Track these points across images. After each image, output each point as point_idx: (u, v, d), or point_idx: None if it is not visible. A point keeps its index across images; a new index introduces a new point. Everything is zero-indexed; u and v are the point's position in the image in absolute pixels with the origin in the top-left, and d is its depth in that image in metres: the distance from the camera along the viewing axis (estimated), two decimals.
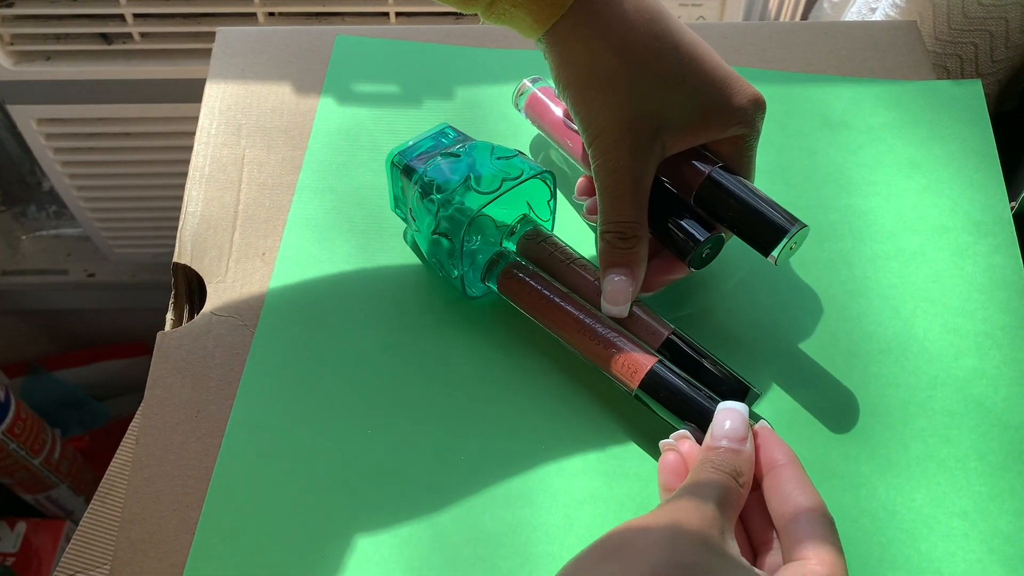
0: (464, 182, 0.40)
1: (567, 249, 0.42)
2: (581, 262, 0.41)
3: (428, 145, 0.43)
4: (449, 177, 0.40)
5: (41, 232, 1.12)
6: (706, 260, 0.40)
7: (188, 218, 0.46)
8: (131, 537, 0.37)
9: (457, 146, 0.42)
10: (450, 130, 0.44)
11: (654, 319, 0.39)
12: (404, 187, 0.42)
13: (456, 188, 0.40)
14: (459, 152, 0.41)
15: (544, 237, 0.42)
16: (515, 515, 0.37)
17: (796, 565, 0.29)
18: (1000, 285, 0.43)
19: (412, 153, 0.42)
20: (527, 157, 0.42)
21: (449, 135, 0.44)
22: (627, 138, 0.36)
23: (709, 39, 0.53)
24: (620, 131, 0.36)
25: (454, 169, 0.41)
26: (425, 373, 0.41)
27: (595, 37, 0.36)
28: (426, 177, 0.41)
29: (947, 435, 0.39)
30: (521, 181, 0.40)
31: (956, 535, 0.36)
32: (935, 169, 0.47)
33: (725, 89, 0.37)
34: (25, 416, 1.03)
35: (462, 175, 0.40)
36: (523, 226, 0.42)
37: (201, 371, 0.41)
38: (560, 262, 0.41)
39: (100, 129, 0.87)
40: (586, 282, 0.40)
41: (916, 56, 0.52)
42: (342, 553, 0.36)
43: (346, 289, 0.43)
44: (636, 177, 0.37)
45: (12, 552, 1.05)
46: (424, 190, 0.41)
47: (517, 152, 0.42)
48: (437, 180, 0.40)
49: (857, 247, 0.44)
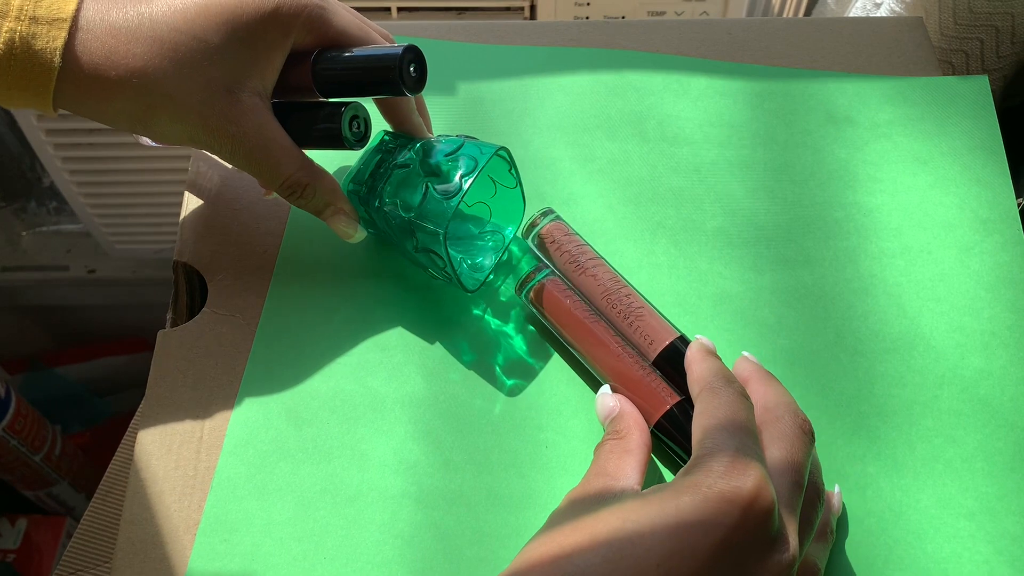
0: (425, 193, 0.39)
1: (587, 249, 0.41)
2: (595, 261, 0.41)
3: (375, 160, 0.41)
4: (407, 193, 0.39)
5: (41, 228, 1.12)
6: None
7: (188, 215, 0.45)
8: (132, 537, 0.37)
9: (402, 154, 0.41)
10: (387, 137, 0.43)
11: (656, 330, 0.39)
12: (368, 211, 0.41)
13: (420, 203, 0.39)
14: (407, 162, 0.40)
15: (558, 236, 0.41)
16: (519, 517, 0.37)
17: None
18: (1007, 283, 0.42)
19: (363, 176, 0.41)
20: (474, 139, 0.40)
21: (388, 142, 0.42)
22: (214, 123, 0.36)
23: (713, 35, 0.53)
24: (205, 125, 0.36)
25: (409, 183, 0.39)
26: (427, 371, 0.41)
27: (101, 80, 0.35)
28: (388, 200, 0.40)
29: (953, 435, 0.38)
30: (478, 172, 0.38)
31: (963, 536, 0.36)
32: (941, 165, 0.46)
33: (241, 14, 0.36)
34: (26, 412, 1.03)
35: (420, 185, 0.39)
36: (544, 217, 0.42)
37: (202, 369, 0.41)
38: (571, 259, 0.41)
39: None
40: (594, 283, 0.40)
41: (921, 52, 0.52)
42: (344, 554, 0.36)
43: (348, 286, 0.43)
44: (258, 139, 0.37)
45: (13, 549, 1.05)
46: (389, 216, 0.40)
47: (464, 138, 0.40)
48: (398, 200, 0.39)
49: (863, 244, 0.44)
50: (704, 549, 0.28)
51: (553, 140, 0.48)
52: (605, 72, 0.50)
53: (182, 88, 0.35)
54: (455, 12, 0.76)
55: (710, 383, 0.34)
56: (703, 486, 0.29)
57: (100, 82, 0.35)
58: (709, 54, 0.51)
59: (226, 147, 0.37)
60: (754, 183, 0.46)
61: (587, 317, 0.39)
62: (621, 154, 0.47)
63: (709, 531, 0.28)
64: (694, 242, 0.44)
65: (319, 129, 0.39)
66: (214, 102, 0.36)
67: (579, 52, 0.51)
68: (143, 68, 0.35)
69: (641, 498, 0.30)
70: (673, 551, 0.28)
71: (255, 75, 0.37)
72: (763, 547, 0.29)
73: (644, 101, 0.49)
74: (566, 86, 0.50)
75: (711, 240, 0.44)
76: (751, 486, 0.29)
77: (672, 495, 0.29)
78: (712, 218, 0.45)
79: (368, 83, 0.38)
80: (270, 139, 0.37)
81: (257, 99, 0.37)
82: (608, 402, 0.37)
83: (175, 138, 0.37)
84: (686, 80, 0.50)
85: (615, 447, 0.35)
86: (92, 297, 1.15)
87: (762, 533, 0.29)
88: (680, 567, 0.28)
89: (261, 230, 0.45)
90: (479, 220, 0.44)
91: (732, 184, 0.46)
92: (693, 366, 0.36)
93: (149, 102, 0.35)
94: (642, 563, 0.28)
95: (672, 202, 0.46)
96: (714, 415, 0.32)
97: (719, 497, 0.28)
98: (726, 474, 0.29)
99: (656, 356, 0.38)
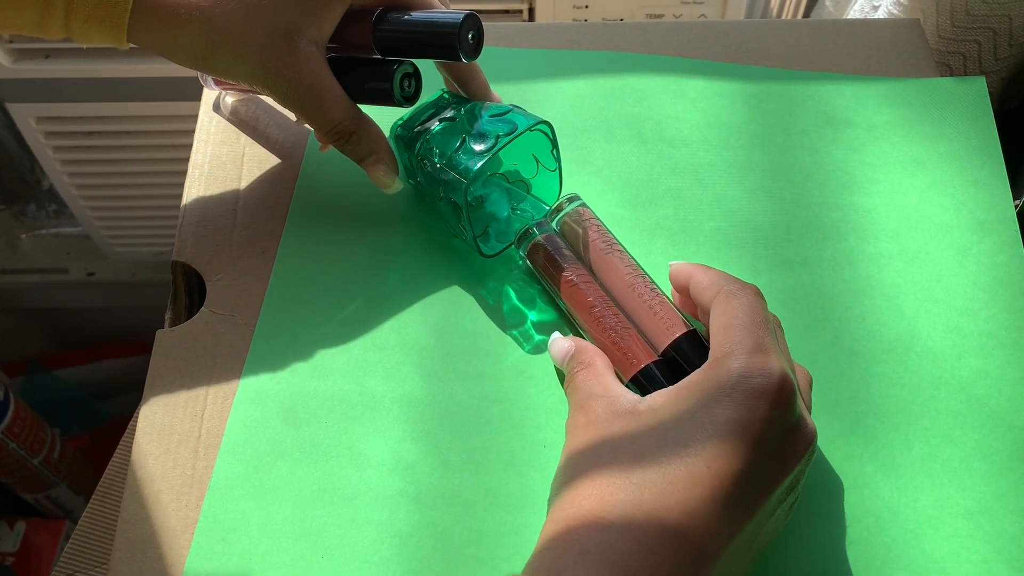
0: (460, 144, 0.40)
1: (608, 235, 0.41)
2: (618, 248, 0.41)
3: (428, 113, 0.43)
4: (446, 141, 0.41)
5: (41, 231, 1.12)
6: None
7: (187, 216, 0.46)
8: (130, 537, 0.37)
9: (452, 110, 0.43)
10: (447, 95, 0.44)
11: (672, 317, 0.38)
12: (410, 158, 0.43)
13: (454, 152, 0.40)
14: (454, 116, 0.42)
15: (585, 220, 0.42)
16: (516, 516, 0.37)
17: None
18: (1004, 284, 0.42)
19: (413, 124, 0.43)
20: (523, 111, 0.42)
21: (445, 99, 0.44)
22: (272, 66, 0.38)
23: (711, 37, 0.53)
24: (264, 67, 0.38)
25: (450, 132, 0.41)
26: (425, 371, 0.41)
27: (171, 16, 0.38)
28: (426, 145, 0.41)
29: (951, 435, 0.38)
30: (516, 135, 0.40)
31: (961, 535, 0.36)
32: (938, 167, 0.47)
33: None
34: (25, 415, 1.03)
35: (458, 137, 0.41)
36: (570, 203, 0.42)
37: (200, 369, 0.41)
38: (597, 248, 0.41)
39: (100, 127, 0.87)
40: (619, 273, 0.40)
41: (919, 54, 0.52)
42: (342, 553, 0.36)
43: (346, 287, 0.43)
44: (311, 84, 0.39)
45: (12, 552, 1.05)
46: (424, 157, 0.41)
47: (512, 107, 0.42)
48: (435, 147, 0.41)
49: (860, 246, 0.44)
50: (748, 442, 0.30)
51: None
52: (603, 74, 0.51)
53: (246, 30, 0.38)
54: None
55: (724, 288, 0.35)
56: (734, 391, 0.31)
57: (170, 18, 0.38)
58: (707, 56, 0.52)
59: (281, 89, 0.39)
60: (752, 184, 0.46)
61: (580, 277, 0.40)
62: (619, 156, 0.47)
63: (747, 429, 0.30)
64: (692, 243, 0.44)
65: (372, 85, 0.41)
66: (274, 46, 0.38)
67: (577, 54, 0.52)
68: (211, 8, 0.38)
69: (672, 413, 0.32)
70: (719, 452, 0.30)
71: (313, 24, 0.39)
72: (792, 430, 0.32)
73: (642, 103, 0.49)
74: (564, 88, 0.50)
75: (709, 241, 0.44)
76: (775, 376, 0.31)
77: (704, 404, 0.31)
78: (710, 219, 0.45)
79: (427, 46, 0.40)
80: (322, 86, 0.40)
81: (313, 47, 0.39)
82: (563, 344, 0.39)
83: (234, 75, 0.39)
84: (684, 82, 0.50)
85: (589, 374, 0.36)
86: (91, 300, 1.15)
87: (789, 417, 0.31)
88: (727, 466, 0.30)
89: (260, 230, 0.45)
90: (516, 195, 0.45)
91: (730, 185, 0.46)
92: (698, 276, 0.37)
93: (214, 40, 0.38)
94: (693, 470, 0.30)
95: (670, 203, 0.46)
96: (733, 314, 0.34)
97: (748, 395, 0.31)
98: (750, 372, 0.31)
99: (669, 344, 0.37)
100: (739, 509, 0.30)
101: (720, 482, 0.30)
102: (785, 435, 0.31)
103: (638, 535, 0.29)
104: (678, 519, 0.29)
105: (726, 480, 0.30)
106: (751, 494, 0.30)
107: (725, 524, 0.29)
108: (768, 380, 0.31)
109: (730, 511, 0.30)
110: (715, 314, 0.35)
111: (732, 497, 0.30)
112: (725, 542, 0.29)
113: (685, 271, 0.38)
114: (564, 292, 0.40)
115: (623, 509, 0.30)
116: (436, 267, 0.44)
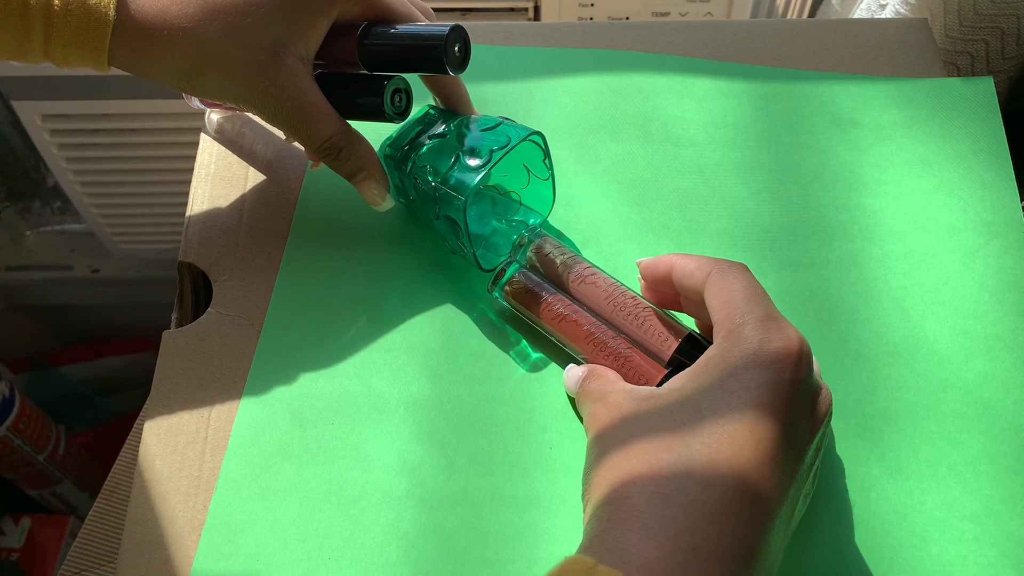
0: (455, 161, 0.40)
1: (577, 256, 0.41)
2: (589, 267, 0.40)
3: (416, 130, 0.43)
4: (439, 158, 0.40)
5: (45, 228, 1.12)
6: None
7: (194, 216, 0.46)
8: (137, 538, 0.37)
9: (441, 126, 0.42)
10: (432, 111, 0.44)
11: (665, 322, 0.39)
12: (401, 177, 0.43)
13: (448, 169, 0.40)
14: (444, 132, 0.42)
15: (548, 247, 0.41)
16: (523, 518, 0.37)
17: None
18: (1011, 287, 0.42)
19: (401, 142, 0.42)
20: (513, 122, 0.41)
21: (432, 115, 0.44)
22: (258, 84, 0.38)
23: (717, 37, 0.52)
24: (250, 85, 0.38)
25: (442, 149, 0.41)
26: (431, 373, 0.41)
27: (153, 38, 0.37)
28: (418, 164, 0.41)
29: (957, 438, 0.38)
30: (510, 148, 0.40)
31: (967, 539, 0.36)
32: (946, 168, 0.46)
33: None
34: (30, 412, 1.03)
35: (451, 154, 0.40)
36: (531, 237, 0.42)
37: (207, 370, 0.41)
38: (574, 274, 0.41)
39: (105, 125, 0.87)
40: (598, 291, 0.39)
41: (927, 54, 0.52)
42: (348, 555, 0.36)
43: (353, 288, 0.43)
44: (299, 101, 0.39)
45: (17, 547, 1.05)
46: (417, 176, 0.41)
47: (502, 119, 0.41)
48: (428, 164, 0.41)
49: (867, 247, 0.44)
50: (781, 402, 0.31)
51: (557, 141, 0.48)
52: (609, 73, 0.50)
53: (230, 49, 0.37)
54: (459, 12, 0.76)
55: (715, 267, 0.35)
56: (758, 356, 0.31)
57: (152, 40, 0.37)
58: (713, 55, 0.51)
59: (268, 107, 0.39)
60: (758, 185, 0.46)
61: (566, 308, 0.39)
62: (625, 155, 0.47)
63: (777, 392, 0.31)
64: (698, 244, 0.44)
65: (362, 101, 0.40)
66: (259, 64, 0.38)
67: (583, 53, 0.51)
68: (194, 28, 0.37)
69: (698, 387, 0.32)
70: (757, 416, 0.31)
71: (299, 40, 0.38)
72: (817, 389, 0.33)
73: (648, 102, 0.49)
74: (570, 87, 0.50)
75: (715, 242, 0.44)
76: (795, 340, 0.32)
77: (730, 373, 0.32)
78: (716, 220, 0.45)
79: (413, 60, 0.40)
80: (310, 102, 0.39)
81: (300, 64, 0.39)
82: (577, 372, 0.38)
83: (220, 95, 0.39)
84: (690, 81, 0.50)
85: (602, 380, 0.36)
86: (96, 297, 1.15)
87: (811, 378, 0.32)
88: (768, 428, 0.30)
89: (266, 231, 0.45)
90: (508, 207, 0.45)
91: (736, 186, 0.46)
92: (682, 262, 0.37)
93: (198, 61, 0.37)
94: (736, 436, 0.30)
95: (676, 204, 0.46)
96: (732, 288, 0.34)
97: (772, 359, 0.31)
98: (769, 337, 0.32)
99: (672, 353, 0.37)
100: (783, 469, 0.30)
101: (764, 444, 0.30)
102: (812, 394, 0.32)
103: (697, 506, 0.29)
104: (733, 486, 0.29)
105: (769, 443, 0.30)
106: (791, 454, 0.31)
107: (774, 486, 0.30)
108: (789, 343, 0.32)
109: (776, 472, 0.30)
110: (712, 292, 0.35)
111: (776, 458, 0.30)
112: (776, 506, 0.30)
113: (664, 262, 0.38)
114: (555, 327, 0.39)
115: (677, 483, 0.30)
116: (440, 272, 0.44)
